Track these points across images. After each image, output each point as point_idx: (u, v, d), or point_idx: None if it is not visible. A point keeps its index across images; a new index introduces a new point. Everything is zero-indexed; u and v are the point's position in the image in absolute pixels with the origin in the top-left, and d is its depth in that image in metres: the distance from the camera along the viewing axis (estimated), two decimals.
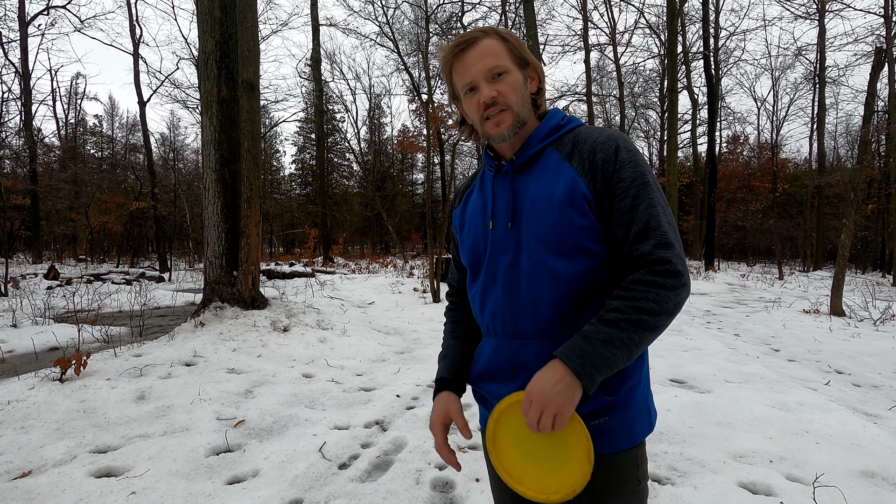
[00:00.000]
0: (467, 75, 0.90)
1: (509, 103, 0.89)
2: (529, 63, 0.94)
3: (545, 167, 0.90)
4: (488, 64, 0.88)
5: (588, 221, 0.85)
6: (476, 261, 0.98)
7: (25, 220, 20.26)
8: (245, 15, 5.50)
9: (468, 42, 0.90)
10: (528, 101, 0.93)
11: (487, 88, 0.88)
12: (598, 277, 0.86)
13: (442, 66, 0.95)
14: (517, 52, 0.91)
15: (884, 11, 15.32)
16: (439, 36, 17.95)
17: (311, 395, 3.58)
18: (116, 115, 38.99)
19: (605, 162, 0.85)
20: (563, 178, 0.87)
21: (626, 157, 0.85)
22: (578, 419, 0.78)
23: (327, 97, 27.62)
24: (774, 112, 32.28)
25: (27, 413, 2.91)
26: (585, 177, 0.86)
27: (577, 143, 0.90)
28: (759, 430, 2.77)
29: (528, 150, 0.92)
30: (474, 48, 0.89)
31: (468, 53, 0.89)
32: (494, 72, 0.88)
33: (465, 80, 0.90)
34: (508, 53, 0.90)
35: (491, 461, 0.89)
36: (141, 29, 18.58)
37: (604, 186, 0.85)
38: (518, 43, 0.92)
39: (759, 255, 30.37)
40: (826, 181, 20.76)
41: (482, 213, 0.98)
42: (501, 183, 0.95)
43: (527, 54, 0.93)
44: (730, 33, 24.15)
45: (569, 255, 0.85)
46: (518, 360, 0.90)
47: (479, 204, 1.00)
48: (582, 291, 0.85)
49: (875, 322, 6.67)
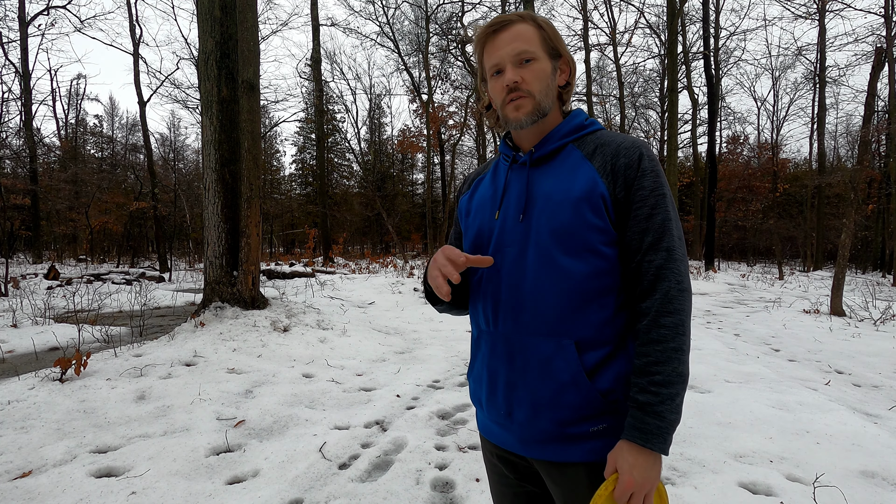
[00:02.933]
0: (495, 56, 0.89)
1: (532, 90, 0.88)
2: (562, 55, 0.93)
3: (564, 163, 0.90)
4: (518, 48, 0.87)
5: (602, 223, 0.85)
6: (479, 250, 0.96)
7: (25, 220, 20.25)
8: (245, 15, 5.50)
9: (502, 24, 0.89)
10: (553, 92, 0.92)
11: (512, 72, 0.88)
12: (603, 280, 0.86)
13: (474, 46, 0.94)
14: (550, 42, 0.90)
15: (884, 11, 15.31)
16: (439, 36, 17.96)
17: (311, 395, 3.58)
18: (117, 115, 39.11)
19: (628, 168, 0.85)
20: (584, 176, 0.87)
21: (648, 165, 0.85)
22: (660, 487, 0.84)
23: (327, 97, 27.63)
24: (774, 112, 32.34)
25: (27, 413, 2.91)
26: (607, 178, 0.86)
27: (599, 144, 0.90)
28: (760, 430, 2.77)
29: (549, 144, 0.92)
30: (507, 31, 0.88)
31: (500, 35, 0.89)
32: (523, 57, 0.87)
33: (493, 61, 0.90)
34: (541, 41, 0.89)
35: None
36: (141, 29, 18.59)
37: (623, 192, 0.85)
38: (553, 33, 0.91)
39: (759, 255, 30.36)
40: (826, 181, 20.75)
41: (491, 201, 0.97)
42: (517, 174, 0.94)
43: (561, 45, 0.92)
44: (730, 33, 24.20)
45: (577, 254, 0.85)
46: (516, 356, 0.89)
47: (489, 192, 0.99)
48: (586, 292, 0.85)
49: (875, 322, 6.67)
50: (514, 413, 0.89)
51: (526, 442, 0.90)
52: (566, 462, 0.86)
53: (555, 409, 0.85)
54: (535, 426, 0.87)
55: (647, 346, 0.81)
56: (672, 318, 0.81)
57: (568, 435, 0.85)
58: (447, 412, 3.23)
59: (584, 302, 0.85)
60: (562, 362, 0.84)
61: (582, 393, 0.84)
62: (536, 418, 0.87)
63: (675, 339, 0.80)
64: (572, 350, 0.84)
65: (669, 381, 0.79)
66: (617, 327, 0.87)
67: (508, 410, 0.90)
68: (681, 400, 0.80)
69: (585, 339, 0.85)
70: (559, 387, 0.84)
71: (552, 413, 0.85)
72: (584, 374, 0.84)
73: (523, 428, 0.88)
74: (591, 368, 0.85)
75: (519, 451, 0.92)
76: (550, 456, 0.87)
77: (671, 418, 0.79)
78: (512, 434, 0.92)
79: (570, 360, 0.84)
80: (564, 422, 0.85)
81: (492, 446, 1.00)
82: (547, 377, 0.85)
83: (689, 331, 0.83)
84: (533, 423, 0.87)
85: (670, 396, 0.79)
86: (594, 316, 0.85)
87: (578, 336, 0.85)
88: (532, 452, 0.89)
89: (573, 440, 0.86)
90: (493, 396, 0.93)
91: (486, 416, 0.99)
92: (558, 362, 0.85)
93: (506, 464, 0.98)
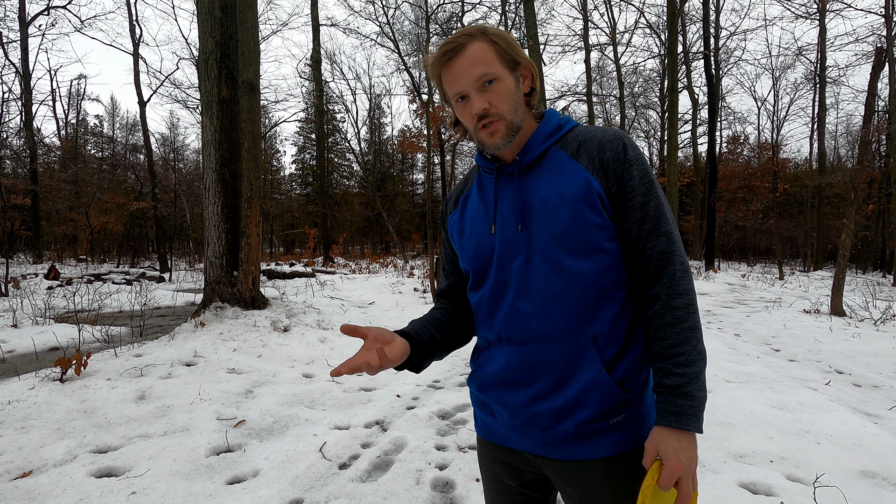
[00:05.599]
0: (457, 85, 0.87)
1: (501, 113, 0.86)
2: (521, 62, 0.90)
3: (552, 166, 0.89)
4: (477, 73, 0.85)
5: (601, 219, 0.85)
6: (481, 266, 0.94)
7: (26, 220, 20.26)
8: (245, 15, 5.50)
9: (455, 49, 0.86)
10: (521, 104, 0.90)
11: (478, 100, 0.85)
12: (612, 275, 0.86)
13: (430, 73, 0.91)
14: (507, 55, 0.88)
15: (884, 11, 15.32)
16: (439, 36, 17.95)
17: (311, 395, 3.58)
18: (117, 115, 39.03)
19: (616, 161, 0.86)
20: (575, 177, 0.86)
21: (633, 155, 0.86)
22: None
23: (327, 97, 27.63)
24: (775, 112, 32.34)
25: (28, 413, 2.91)
26: (598, 175, 0.86)
27: (582, 142, 0.89)
28: (760, 430, 2.77)
29: (533, 150, 0.91)
30: (462, 55, 0.85)
31: (456, 62, 0.86)
32: (484, 80, 0.85)
33: (455, 89, 0.87)
34: (498, 57, 0.86)
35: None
36: (141, 29, 18.61)
37: (616, 185, 0.86)
38: (507, 43, 0.88)
39: (759, 255, 30.34)
40: (826, 181, 20.75)
41: (485, 216, 0.95)
42: (506, 185, 0.93)
43: (517, 54, 0.89)
44: (730, 33, 24.17)
45: (583, 254, 0.85)
46: (535, 365, 0.87)
47: (480, 208, 0.97)
48: (597, 290, 0.85)
49: (875, 322, 6.67)
50: (533, 422, 0.88)
51: (546, 445, 0.88)
52: (586, 459, 0.86)
53: (578, 410, 0.84)
54: (557, 430, 0.86)
55: (664, 329, 0.82)
56: (682, 299, 0.82)
57: (590, 432, 0.85)
58: (447, 412, 3.23)
59: (597, 300, 0.85)
60: (583, 364, 0.84)
61: (604, 390, 0.84)
62: (559, 423, 0.86)
63: (689, 319, 0.82)
64: (592, 350, 0.84)
65: (692, 360, 0.80)
66: (628, 318, 0.88)
67: (527, 420, 0.88)
68: (704, 377, 0.82)
69: (602, 336, 0.85)
70: (583, 388, 0.84)
71: (576, 415, 0.85)
72: (605, 372, 0.84)
73: (544, 433, 0.87)
74: (610, 363, 0.85)
75: (538, 453, 0.90)
76: (574, 455, 0.86)
77: (700, 396, 0.80)
78: (530, 438, 0.90)
79: (591, 361, 0.84)
80: (587, 421, 0.84)
81: (494, 451, 0.98)
82: (571, 381, 0.85)
83: (698, 309, 0.85)
84: (556, 428, 0.86)
85: (695, 375, 0.80)
86: (607, 312, 0.86)
87: (595, 334, 0.85)
88: (553, 453, 0.88)
89: (594, 436, 0.85)
90: (508, 408, 0.91)
91: (497, 424, 0.96)
92: (580, 364, 0.84)
93: (508, 469, 0.97)
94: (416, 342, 0.93)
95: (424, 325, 0.98)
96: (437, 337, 0.98)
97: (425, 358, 0.95)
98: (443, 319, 1.02)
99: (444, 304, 1.09)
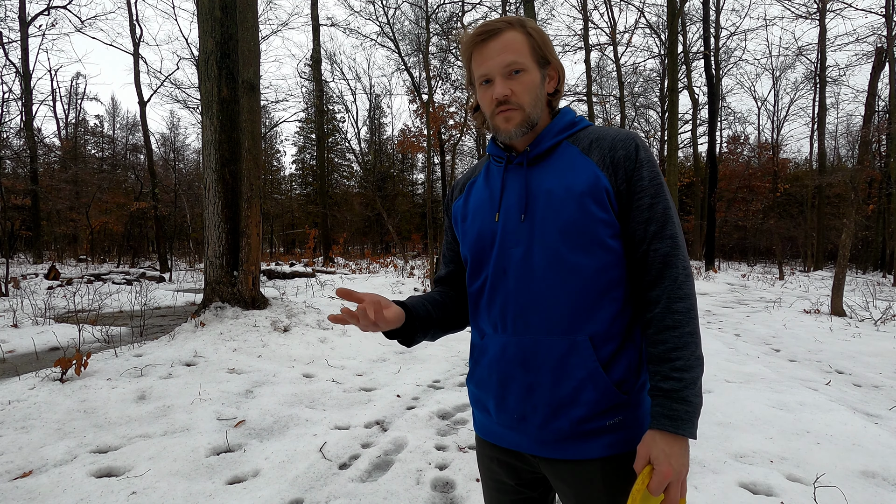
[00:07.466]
0: (484, 67, 0.88)
1: (521, 103, 0.87)
2: (551, 62, 0.92)
3: (562, 160, 0.90)
4: (507, 59, 0.86)
5: (607, 216, 0.85)
6: (481, 253, 0.95)
7: (26, 220, 20.25)
8: (245, 15, 5.50)
9: (491, 32, 0.87)
10: (542, 101, 0.91)
11: (501, 85, 0.86)
12: (612, 273, 0.86)
13: (462, 52, 0.93)
14: (540, 50, 0.89)
15: (885, 11, 15.31)
16: (439, 36, 17.96)
17: (311, 395, 3.58)
18: (117, 115, 39.00)
19: (627, 159, 0.86)
20: (585, 172, 0.86)
21: (644, 156, 0.86)
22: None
23: (327, 97, 27.61)
24: (775, 112, 32.33)
25: (28, 413, 2.91)
26: (608, 171, 0.86)
27: (594, 139, 0.90)
28: (760, 430, 2.77)
29: (545, 142, 0.91)
30: (496, 40, 0.87)
31: (489, 44, 0.87)
32: (512, 68, 0.86)
33: (482, 70, 0.88)
34: (530, 50, 0.88)
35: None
36: (141, 29, 18.59)
37: (625, 184, 0.86)
38: (542, 40, 0.90)
39: (759, 255, 30.33)
40: (827, 181, 20.72)
41: (489, 203, 0.95)
42: (514, 174, 0.93)
43: (550, 52, 0.91)
44: (730, 33, 24.19)
45: (585, 249, 0.85)
46: (530, 358, 0.87)
47: (485, 194, 0.97)
48: (597, 287, 0.85)
49: (876, 322, 6.67)
50: (529, 417, 0.88)
51: (543, 443, 0.88)
52: (582, 459, 0.86)
53: (573, 407, 0.84)
54: (552, 427, 0.86)
55: (663, 332, 0.82)
56: (683, 304, 0.82)
57: (586, 431, 0.85)
58: (447, 412, 3.23)
59: (596, 297, 0.85)
60: (579, 360, 0.84)
61: (599, 388, 0.84)
62: (554, 419, 0.86)
63: (689, 324, 0.82)
64: (588, 347, 0.84)
65: (690, 365, 0.80)
66: (626, 318, 0.87)
67: (523, 415, 0.88)
68: (701, 383, 0.82)
69: (599, 334, 0.85)
70: (577, 385, 0.84)
71: (571, 412, 0.85)
72: (601, 370, 0.83)
73: (540, 430, 0.87)
74: (606, 362, 0.85)
75: (534, 452, 0.90)
76: (569, 454, 0.86)
77: (696, 402, 0.80)
78: (527, 437, 0.90)
79: (586, 357, 0.84)
80: (582, 419, 0.84)
81: (492, 451, 0.98)
82: (565, 377, 0.85)
83: (698, 314, 0.85)
84: (550, 425, 0.86)
85: (692, 380, 0.80)
86: (606, 311, 0.85)
87: (592, 332, 0.85)
88: (549, 452, 0.88)
89: (591, 436, 0.85)
90: (503, 402, 0.91)
91: (493, 422, 0.96)
92: (575, 360, 0.84)
93: (506, 469, 0.97)
94: (412, 313, 0.94)
95: (422, 301, 0.98)
96: (432, 314, 0.98)
97: (419, 331, 0.96)
98: (440, 301, 1.03)
99: (441, 289, 1.10)
